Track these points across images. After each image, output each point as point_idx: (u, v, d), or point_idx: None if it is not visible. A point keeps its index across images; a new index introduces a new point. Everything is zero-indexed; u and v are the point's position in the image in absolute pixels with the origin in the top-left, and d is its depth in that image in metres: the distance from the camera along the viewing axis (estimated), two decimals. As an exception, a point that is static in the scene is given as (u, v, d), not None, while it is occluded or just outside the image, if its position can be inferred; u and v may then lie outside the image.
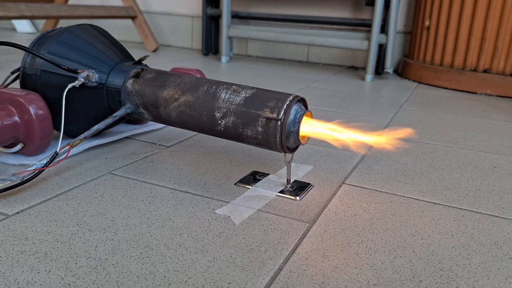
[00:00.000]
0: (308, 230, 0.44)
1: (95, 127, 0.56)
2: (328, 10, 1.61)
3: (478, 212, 0.50)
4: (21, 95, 0.54)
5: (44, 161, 0.50)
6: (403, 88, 1.27)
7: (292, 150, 0.51)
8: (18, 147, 0.56)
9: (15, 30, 2.15)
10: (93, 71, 0.57)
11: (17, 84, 0.66)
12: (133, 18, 1.73)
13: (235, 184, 0.54)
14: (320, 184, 0.55)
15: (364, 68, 1.54)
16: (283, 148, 0.49)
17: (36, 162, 0.50)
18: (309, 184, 0.54)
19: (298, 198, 0.50)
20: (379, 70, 1.44)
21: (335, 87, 1.23)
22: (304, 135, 0.50)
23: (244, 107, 0.50)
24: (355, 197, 0.52)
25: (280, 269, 0.37)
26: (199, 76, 0.60)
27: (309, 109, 0.50)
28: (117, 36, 1.90)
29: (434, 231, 0.45)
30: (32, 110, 0.54)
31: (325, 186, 0.54)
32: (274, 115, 0.48)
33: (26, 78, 0.59)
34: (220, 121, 0.51)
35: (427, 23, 1.34)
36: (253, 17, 1.60)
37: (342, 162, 0.63)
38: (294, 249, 0.40)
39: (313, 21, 1.52)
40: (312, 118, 0.50)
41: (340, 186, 0.55)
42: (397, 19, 1.40)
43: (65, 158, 0.53)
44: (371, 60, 1.34)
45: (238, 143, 0.68)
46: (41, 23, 2.16)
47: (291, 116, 0.48)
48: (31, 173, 0.49)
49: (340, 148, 0.68)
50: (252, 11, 1.67)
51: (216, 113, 0.51)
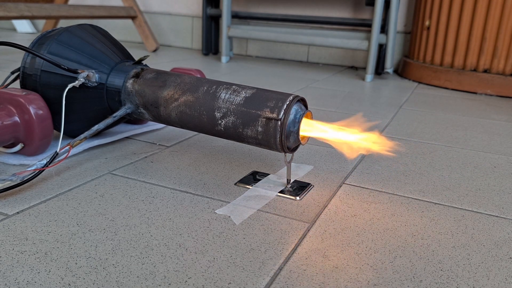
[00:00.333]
0: (308, 230, 0.44)
1: (95, 127, 0.56)
2: (328, 10, 1.61)
3: (478, 212, 0.50)
4: (21, 95, 0.54)
5: (44, 161, 0.50)
6: (403, 88, 1.27)
7: (292, 150, 0.51)
8: (18, 147, 0.56)
9: (15, 30, 2.15)
10: (93, 71, 0.57)
11: (17, 84, 0.66)
12: (133, 18, 1.73)
13: (235, 184, 0.54)
14: (320, 184, 0.55)
15: (364, 68, 1.54)
16: (283, 148, 0.49)
17: (36, 162, 0.50)
18: (309, 184, 0.54)
19: (298, 198, 0.50)
20: (379, 70, 1.44)
21: (335, 87, 1.23)
22: (304, 136, 0.50)
23: (244, 107, 0.50)
24: (355, 197, 0.52)
25: (280, 269, 0.37)
26: (199, 76, 0.60)
27: (309, 109, 0.50)
28: (117, 36, 1.90)
29: (434, 231, 0.45)
30: (32, 110, 0.54)
31: (325, 186, 0.54)
32: (274, 115, 0.48)
33: (26, 78, 0.59)
34: (220, 121, 0.51)
35: (427, 23, 1.34)
36: (253, 17, 1.60)
37: (342, 162, 0.63)
38: (294, 249, 0.40)
39: (313, 21, 1.52)
40: (312, 118, 0.50)
41: (340, 186, 0.55)
42: (397, 19, 1.40)
43: (65, 158, 0.53)
44: (371, 60, 1.34)
45: (238, 143, 0.68)
46: (41, 23, 2.16)
47: (291, 116, 0.48)
48: (31, 173, 0.49)
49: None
50: (252, 11, 1.67)
51: (216, 113, 0.51)
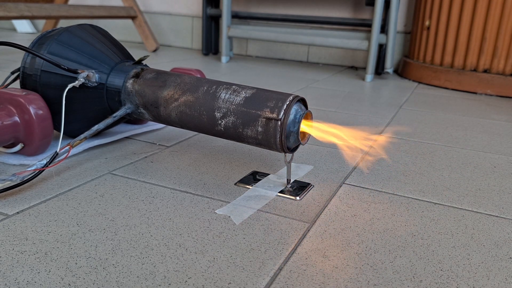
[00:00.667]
0: (308, 230, 0.44)
1: (95, 127, 0.56)
2: (328, 10, 1.61)
3: (478, 212, 0.50)
4: (21, 95, 0.54)
5: (44, 161, 0.50)
6: (403, 88, 1.27)
7: (292, 150, 0.51)
8: (18, 147, 0.56)
9: (15, 30, 2.15)
10: (93, 71, 0.57)
11: (17, 84, 0.66)
12: (133, 18, 1.73)
13: (235, 184, 0.54)
14: (320, 184, 0.55)
15: (364, 68, 1.54)
16: (283, 148, 0.49)
17: (36, 162, 0.50)
18: (309, 184, 0.54)
19: (298, 198, 0.50)
20: (379, 70, 1.44)
21: (335, 87, 1.23)
22: (304, 136, 0.50)
23: (244, 107, 0.50)
24: (355, 197, 0.52)
25: (280, 269, 0.37)
26: (199, 76, 0.60)
27: (309, 109, 0.50)
28: (117, 36, 1.90)
29: (434, 231, 0.45)
30: (32, 110, 0.54)
31: (325, 186, 0.54)
32: (274, 115, 0.48)
33: (26, 78, 0.59)
34: (220, 121, 0.51)
35: (427, 23, 1.34)
36: (253, 17, 1.60)
37: (342, 162, 0.63)
38: (294, 249, 0.40)
39: (313, 21, 1.52)
40: (312, 118, 0.50)
41: (340, 186, 0.55)
42: (397, 19, 1.40)
43: (65, 158, 0.53)
44: (371, 60, 1.34)
45: (238, 143, 0.68)
46: (41, 23, 2.16)
47: (291, 116, 0.48)
48: (31, 173, 0.49)
49: (341, 149, 0.68)
50: (252, 11, 1.67)
51: (216, 113, 0.51)
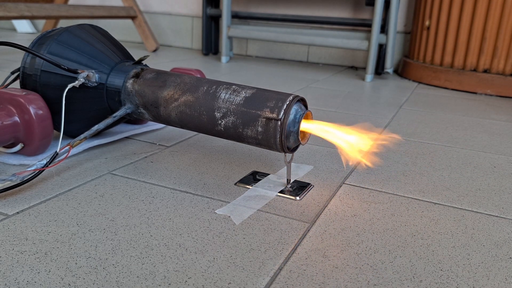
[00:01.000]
0: (308, 230, 0.44)
1: (95, 127, 0.56)
2: (328, 10, 1.61)
3: (478, 212, 0.50)
4: (21, 95, 0.54)
5: (44, 161, 0.50)
6: (403, 88, 1.27)
7: (292, 150, 0.51)
8: (18, 147, 0.56)
9: (15, 30, 2.15)
10: (93, 71, 0.57)
11: (17, 84, 0.66)
12: (133, 18, 1.73)
13: (235, 184, 0.54)
14: (320, 184, 0.55)
15: (364, 68, 1.54)
16: (283, 148, 0.49)
17: (36, 162, 0.50)
18: (309, 184, 0.54)
19: (298, 198, 0.50)
20: (379, 70, 1.44)
21: (335, 87, 1.23)
22: (304, 136, 0.50)
23: (244, 107, 0.50)
24: (355, 197, 0.52)
25: (280, 269, 0.37)
26: (199, 76, 0.60)
27: (309, 109, 0.50)
28: (117, 36, 1.90)
29: (434, 231, 0.45)
30: (32, 110, 0.54)
31: (325, 186, 0.54)
32: (274, 115, 0.48)
33: (26, 78, 0.59)
34: (220, 121, 0.51)
35: (427, 23, 1.34)
36: (253, 17, 1.60)
37: (342, 162, 0.63)
38: (294, 249, 0.40)
39: (313, 21, 1.52)
40: (312, 118, 0.50)
41: (340, 186, 0.55)
42: (397, 19, 1.40)
43: (65, 158, 0.53)
44: (371, 60, 1.34)
45: (238, 143, 0.68)
46: (41, 23, 2.16)
47: (291, 116, 0.48)
48: (31, 173, 0.49)
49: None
50: (252, 11, 1.67)
51: (216, 113, 0.51)
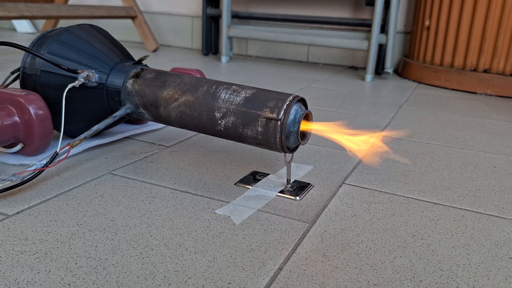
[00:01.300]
0: (308, 230, 0.44)
1: (95, 127, 0.56)
2: (328, 10, 1.61)
3: (478, 212, 0.50)
4: (21, 95, 0.54)
5: (44, 161, 0.50)
6: (403, 88, 1.27)
7: (292, 150, 0.51)
8: (18, 147, 0.56)
9: (15, 30, 2.15)
10: (93, 71, 0.57)
11: (17, 84, 0.66)
12: (133, 18, 1.73)
13: (235, 184, 0.54)
14: (320, 184, 0.55)
15: (364, 68, 1.54)
16: (283, 148, 0.49)
17: (36, 162, 0.50)
18: (309, 184, 0.54)
19: (298, 198, 0.50)
20: (379, 70, 1.44)
21: (335, 87, 1.23)
22: (304, 136, 0.50)
23: (244, 107, 0.50)
24: (355, 197, 0.52)
25: (280, 269, 0.37)
26: (199, 76, 0.60)
27: (309, 109, 0.50)
28: (117, 36, 1.90)
29: (434, 231, 0.45)
30: (32, 110, 0.54)
31: (325, 186, 0.54)
32: (274, 115, 0.48)
33: (26, 78, 0.59)
34: (220, 121, 0.51)
35: (427, 23, 1.34)
36: (253, 17, 1.60)
37: (342, 162, 0.63)
38: (294, 249, 0.40)
39: (313, 21, 1.52)
40: (312, 118, 0.50)
41: (340, 186, 0.55)
42: (397, 19, 1.40)
43: (65, 158, 0.53)
44: (371, 60, 1.34)
45: (238, 143, 0.68)
46: (41, 23, 2.16)
47: (291, 116, 0.48)
48: (31, 173, 0.49)
49: (341, 149, 0.68)
50: (252, 11, 1.67)
51: (216, 113, 0.51)
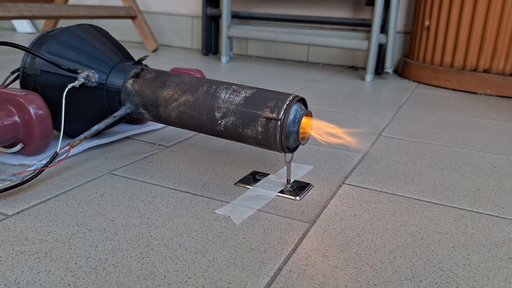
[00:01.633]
0: (308, 230, 0.44)
1: (95, 127, 0.56)
2: (328, 10, 1.61)
3: (478, 212, 0.50)
4: (21, 95, 0.54)
5: (44, 161, 0.50)
6: (403, 88, 1.27)
7: (292, 150, 0.51)
8: (18, 147, 0.56)
9: (15, 30, 2.15)
10: (93, 71, 0.57)
11: (17, 84, 0.66)
12: (133, 18, 1.73)
13: (235, 184, 0.54)
14: (320, 184, 0.55)
15: (364, 68, 1.54)
16: (283, 148, 0.49)
17: (36, 162, 0.50)
18: (309, 184, 0.54)
19: (298, 198, 0.50)
20: (379, 70, 1.44)
21: (335, 87, 1.23)
22: (304, 136, 0.50)
23: (244, 107, 0.50)
24: (355, 197, 0.52)
25: (280, 269, 0.37)
26: (199, 76, 0.60)
27: (309, 109, 0.50)
28: (117, 36, 1.90)
29: (434, 231, 0.45)
30: (32, 110, 0.54)
31: (325, 186, 0.54)
32: (274, 115, 0.48)
33: (26, 78, 0.59)
34: (220, 121, 0.51)
35: (427, 23, 1.34)
36: (253, 17, 1.60)
37: (342, 162, 0.63)
38: (294, 249, 0.40)
39: (313, 21, 1.52)
40: (312, 118, 0.50)
41: (340, 186, 0.55)
42: (397, 19, 1.40)
43: (65, 158, 0.53)
44: (371, 60, 1.34)
45: (238, 143, 0.68)
46: (41, 23, 2.16)
47: (291, 116, 0.48)
48: (31, 173, 0.49)
49: (340, 148, 0.68)
50: (252, 11, 1.67)
51: (216, 113, 0.51)
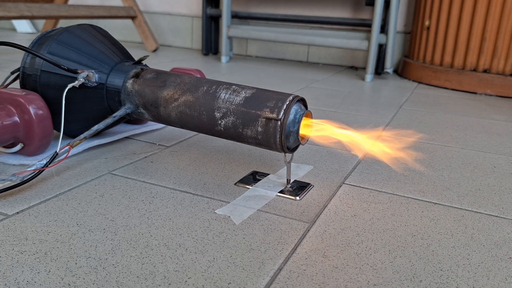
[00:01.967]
0: (308, 230, 0.44)
1: (95, 127, 0.56)
2: (328, 10, 1.61)
3: (478, 212, 0.50)
4: (21, 95, 0.54)
5: (44, 161, 0.50)
6: (403, 88, 1.27)
7: (292, 150, 0.51)
8: (18, 147, 0.56)
9: (15, 30, 2.15)
10: (93, 71, 0.57)
11: (17, 84, 0.66)
12: (133, 18, 1.73)
13: (235, 184, 0.54)
14: (320, 184, 0.55)
15: (364, 68, 1.54)
16: (283, 148, 0.49)
17: (36, 162, 0.50)
18: (309, 184, 0.54)
19: (298, 198, 0.50)
20: (379, 70, 1.44)
21: (335, 87, 1.23)
22: (304, 136, 0.50)
23: (244, 107, 0.50)
24: (355, 197, 0.52)
25: (280, 269, 0.37)
26: (199, 76, 0.60)
27: (309, 109, 0.50)
28: (117, 36, 1.90)
29: (434, 231, 0.45)
30: (32, 110, 0.54)
31: (325, 186, 0.54)
32: (274, 115, 0.48)
33: (26, 78, 0.59)
34: (220, 121, 0.51)
35: (427, 23, 1.34)
36: (253, 17, 1.60)
37: (342, 162, 0.63)
38: (294, 249, 0.40)
39: (313, 21, 1.52)
40: (312, 118, 0.50)
41: (340, 186, 0.55)
42: (397, 19, 1.40)
43: (65, 158, 0.53)
44: (371, 60, 1.34)
45: (238, 143, 0.68)
46: (41, 23, 2.16)
47: (291, 116, 0.48)
48: (31, 173, 0.49)
49: (340, 148, 0.68)
50: (252, 11, 1.67)
51: (216, 113, 0.51)
